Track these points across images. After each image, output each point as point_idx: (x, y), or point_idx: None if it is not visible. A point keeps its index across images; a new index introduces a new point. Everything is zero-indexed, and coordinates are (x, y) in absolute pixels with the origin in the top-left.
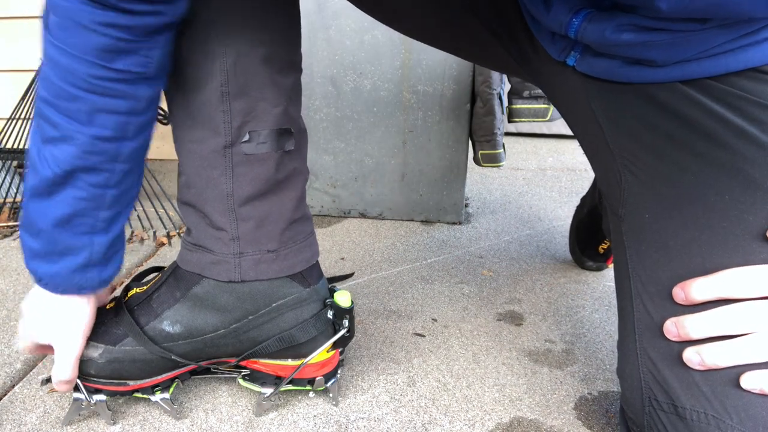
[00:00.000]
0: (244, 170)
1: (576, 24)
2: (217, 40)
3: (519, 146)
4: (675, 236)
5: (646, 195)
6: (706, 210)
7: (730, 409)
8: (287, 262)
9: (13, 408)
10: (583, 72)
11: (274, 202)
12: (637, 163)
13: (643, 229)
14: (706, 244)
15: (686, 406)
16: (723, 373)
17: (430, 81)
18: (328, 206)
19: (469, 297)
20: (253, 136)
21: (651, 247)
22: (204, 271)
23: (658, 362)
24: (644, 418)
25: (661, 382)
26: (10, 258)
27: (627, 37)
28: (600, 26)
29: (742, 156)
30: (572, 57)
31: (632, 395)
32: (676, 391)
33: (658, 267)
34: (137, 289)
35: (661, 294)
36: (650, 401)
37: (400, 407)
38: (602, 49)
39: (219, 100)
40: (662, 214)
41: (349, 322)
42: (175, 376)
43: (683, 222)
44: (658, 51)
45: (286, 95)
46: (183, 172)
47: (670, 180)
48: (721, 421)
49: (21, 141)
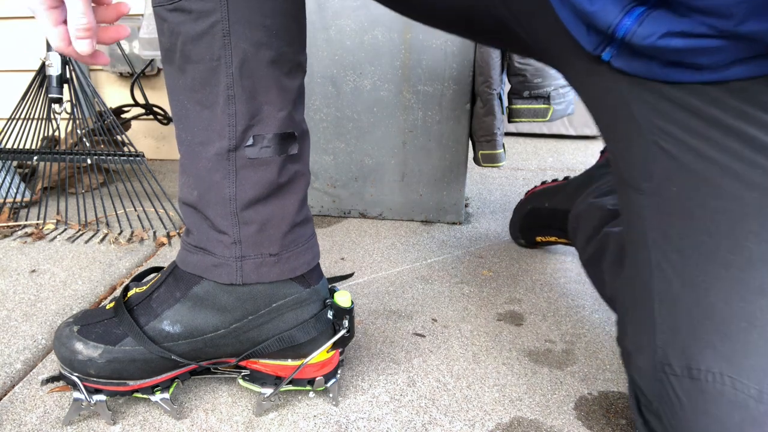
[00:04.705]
0: (247, 174)
1: (626, 26)
2: (222, 42)
3: (519, 146)
4: (703, 206)
5: (676, 169)
6: (736, 181)
7: (747, 369)
8: (289, 266)
9: (13, 408)
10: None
11: (276, 206)
12: (669, 139)
13: (669, 201)
14: (736, 214)
15: (701, 368)
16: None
17: (430, 81)
18: (328, 206)
19: (469, 297)
20: (257, 140)
21: (676, 218)
22: (205, 274)
23: (677, 327)
24: (655, 386)
25: (678, 347)
26: (10, 258)
27: (676, 43)
28: (650, 30)
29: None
30: (608, 52)
31: (644, 364)
32: (694, 354)
33: (682, 237)
34: (137, 289)
35: (686, 262)
36: (663, 367)
37: (400, 407)
38: (646, 51)
39: (225, 104)
40: (691, 186)
41: (349, 323)
42: (175, 376)
43: (712, 193)
44: (706, 57)
45: (291, 99)
46: (185, 173)
47: (702, 155)
48: (737, 380)
49: (21, 141)
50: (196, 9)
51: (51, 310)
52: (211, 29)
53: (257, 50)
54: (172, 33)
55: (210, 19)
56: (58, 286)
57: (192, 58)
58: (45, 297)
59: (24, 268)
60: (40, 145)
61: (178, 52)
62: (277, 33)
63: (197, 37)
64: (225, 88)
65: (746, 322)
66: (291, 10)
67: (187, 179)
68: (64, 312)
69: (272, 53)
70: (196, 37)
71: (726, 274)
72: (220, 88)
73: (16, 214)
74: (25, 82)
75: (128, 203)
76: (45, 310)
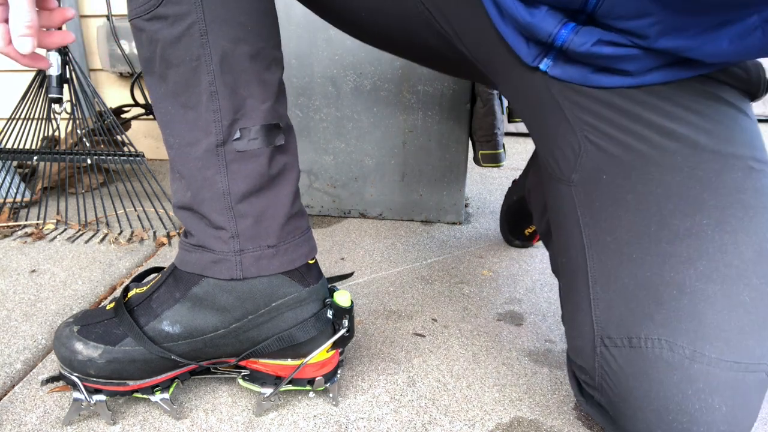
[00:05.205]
0: (238, 167)
1: (564, 35)
2: (200, 41)
3: (519, 146)
4: (632, 192)
5: (605, 160)
6: (659, 167)
7: (681, 332)
8: (287, 257)
9: (13, 408)
10: (554, 76)
11: (270, 197)
12: (598, 134)
13: (599, 189)
14: (661, 196)
15: (641, 336)
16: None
17: (430, 81)
18: (328, 206)
19: (469, 297)
20: (244, 133)
21: (606, 204)
22: (205, 271)
23: (614, 302)
24: (595, 360)
25: (615, 319)
26: (10, 258)
27: (607, 50)
28: (584, 39)
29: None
30: (545, 63)
31: (583, 342)
32: (631, 323)
33: (613, 219)
34: (137, 289)
35: (618, 242)
36: (602, 341)
37: (400, 407)
38: (580, 57)
39: (208, 101)
40: (620, 175)
41: (349, 322)
42: (175, 376)
43: (641, 179)
44: (632, 63)
45: (273, 92)
46: (177, 178)
47: (628, 146)
48: (673, 343)
49: (21, 141)
50: (172, 13)
51: (51, 310)
52: (189, 30)
53: (235, 46)
54: (150, 42)
55: (186, 21)
56: (58, 286)
57: (172, 62)
58: (45, 297)
59: (24, 268)
60: (40, 145)
61: (157, 59)
62: (253, 29)
63: (175, 40)
64: (207, 86)
65: (677, 290)
66: (263, 8)
67: (179, 183)
68: (64, 312)
69: (250, 48)
70: (175, 40)
71: (656, 248)
72: (202, 87)
73: (16, 214)
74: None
75: (128, 203)
76: (45, 310)
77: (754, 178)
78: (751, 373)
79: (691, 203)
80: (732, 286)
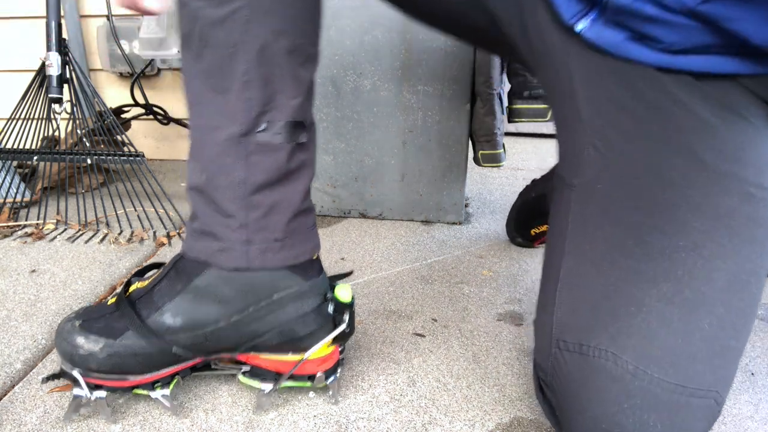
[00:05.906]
0: (258, 159)
1: None
2: (243, 28)
3: (519, 146)
4: (622, 204)
5: (605, 169)
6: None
7: (628, 348)
8: (292, 252)
9: (13, 408)
10: (588, 39)
11: (284, 192)
12: (603, 140)
13: (593, 197)
14: (647, 212)
15: (591, 344)
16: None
17: (430, 81)
18: (328, 206)
19: (469, 297)
20: (270, 126)
21: (596, 213)
22: (210, 258)
23: (576, 307)
24: (550, 361)
25: (572, 324)
26: (10, 258)
27: (650, 10)
28: None
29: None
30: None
31: (543, 341)
32: (586, 331)
33: (597, 230)
34: (138, 283)
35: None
36: (557, 343)
37: (400, 407)
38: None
39: (240, 89)
40: (615, 186)
41: (350, 318)
42: (176, 371)
43: (631, 193)
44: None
45: (304, 89)
46: (194, 158)
47: (630, 159)
48: (618, 357)
49: (21, 141)
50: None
51: (51, 310)
52: (233, 15)
53: (276, 38)
54: (191, 18)
55: (233, 4)
56: (58, 286)
57: (210, 43)
58: (45, 297)
59: (24, 268)
60: (40, 145)
61: (196, 36)
62: (296, 23)
63: (218, 21)
64: (241, 75)
65: (635, 306)
66: (310, 3)
67: (195, 164)
68: (64, 312)
69: (290, 43)
70: (217, 21)
71: (626, 263)
72: (236, 74)
73: (16, 214)
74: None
75: (128, 203)
76: (45, 310)
77: (751, 205)
78: (697, 399)
79: (674, 223)
80: (692, 311)
